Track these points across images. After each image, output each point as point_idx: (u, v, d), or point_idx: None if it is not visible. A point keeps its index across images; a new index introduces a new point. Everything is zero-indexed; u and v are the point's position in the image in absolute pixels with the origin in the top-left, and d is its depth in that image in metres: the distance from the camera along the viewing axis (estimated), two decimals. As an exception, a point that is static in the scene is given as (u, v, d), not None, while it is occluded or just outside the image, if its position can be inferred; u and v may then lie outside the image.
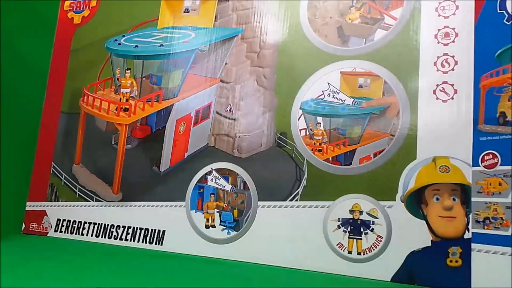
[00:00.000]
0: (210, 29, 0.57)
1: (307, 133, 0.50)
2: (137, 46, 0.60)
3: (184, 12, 0.60)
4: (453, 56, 0.46)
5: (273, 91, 0.53)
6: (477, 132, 0.44)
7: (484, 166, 0.43)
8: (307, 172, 0.49)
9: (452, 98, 0.45)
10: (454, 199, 0.44)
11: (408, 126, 0.46)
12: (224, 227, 0.52)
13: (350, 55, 0.50)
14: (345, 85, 0.50)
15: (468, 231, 0.43)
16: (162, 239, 0.54)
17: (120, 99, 0.60)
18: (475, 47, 0.45)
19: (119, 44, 0.61)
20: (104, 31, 0.63)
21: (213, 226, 0.52)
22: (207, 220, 0.52)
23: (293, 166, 0.50)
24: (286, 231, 0.49)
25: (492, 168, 0.43)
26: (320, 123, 0.50)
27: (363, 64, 0.49)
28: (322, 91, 0.50)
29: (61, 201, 0.61)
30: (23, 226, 0.61)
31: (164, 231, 0.54)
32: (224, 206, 0.52)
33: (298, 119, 0.51)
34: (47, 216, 0.61)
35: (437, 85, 0.46)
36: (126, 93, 0.60)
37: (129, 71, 0.60)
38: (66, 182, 0.61)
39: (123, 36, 0.62)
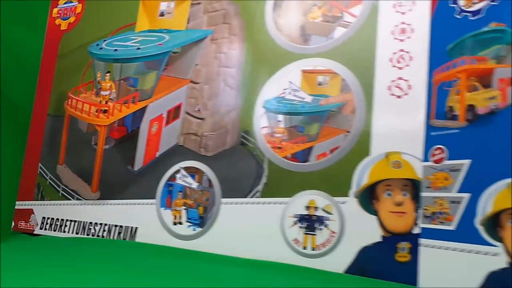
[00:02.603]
0: (183, 32, 0.62)
1: (269, 131, 0.53)
2: (116, 49, 0.65)
3: (159, 15, 0.64)
4: (408, 52, 0.48)
5: (238, 91, 0.56)
6: (429, 127, 0.46)
7: (433, 161, 0.45)
8: (267, 170, 0.52)
9: (407, 94, 0.47)
10: (405, 195, 0.46)
11: (363, 122, 0.49)
12: (190, 224, 0.55)
13: (311, 54, 0.53)
14: (306, 83, 0.53)
15: (417, 226, 0.45)
16: (135, 236, 0.58)
17: (100, 101, 0.65)
18: (430, 42, 0.47)
19: (101, 48, 0.67)
20: (88, 36, 0.69)
21: (180, 223, 0.56)
22: (175, 217, 0.56)
23: (255, 164, 0.53)
24: (246, 228, 0.52)
25: (440, 163, 0.44)
26: (281, 121, 0.53)
27: (323, 62, 0.52)
28: (284, 89, 0.53)
29: (46, 200, 0.66)
30: (13, 224, 0.68)
31: (136, 228, 0.58)
32: (191, 204, 0.56)
33: (261, 117, 0.54)
34: (34, 214, 0.67)
35: (392, 81, 0.48)
36: (106, 95, 0.66)
37: (108, 74, 0.66)
38: (51, 182, 0.67)
39: (105, 40, 0.67)
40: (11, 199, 0.68)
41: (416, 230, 0.45)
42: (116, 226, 0.60)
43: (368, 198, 0.47)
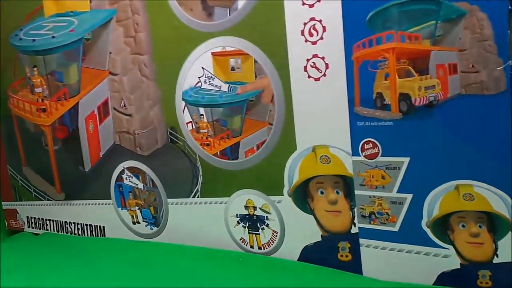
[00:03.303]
0: (89, 14, 0.54)
1: (193, 126, 0.48)
2: (34, 39, 0.59)
3: (60, -5, 0.56)
4: (320, 21, 0.39)
5: (154, 81, 0.50)
6: (354, 116, 0.39)
7: (364, 156, 0.39)
8: (201, 168, 0.49)
9: (324, 74, 0.39)
10: (337, 192, 0.41)
11: (283, 112, 0.42)
12: (147, 223, 0.55)
13: (216, 31, 0.44)
14: (218, 68, 0.45)
15: (355, 226, 0.41)
16: (104, 234, 0.60)
17: (37, 99, 0.62)
18: (342, 7, 0.37)
19: (20, 39, 0.61)
20: (8, 26, 0.62)
21: (138, 222, 0.56)
22: (132, 216, 0.56)
23: (188, 163, 0.50)
24: (196, 228, 0.51)
25: (373, 159, 0.39)
26: (203, 115, 0.47)
27: (231, 41, 0.44)
28: (199, 77, 0.47)
29: (24, 200, 0.68)
30: (6, 223, 0.71)
31: (104, 227, 0.59)
32: (142, 204, 0.55)
33: (183, 111, 0.49)
34: (18, 213, 0.69)
35: (308, 60, 0.40)
36: (40, 92, 0.61)
37: (35, 68, 0.60)
38: (22, 183, 0.68)
39: (21, 29, 0.61)
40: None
41: (355, 230, 0.41)
42: (86, 225, 0.61)
43: (303, 197, 0.43)
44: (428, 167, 0.36)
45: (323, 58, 0.39)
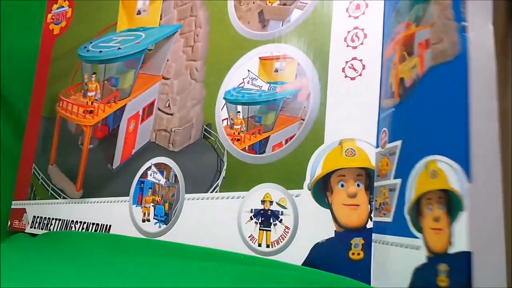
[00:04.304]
0: (156, 28, 0.62)
1: (228, 123, 0.52)
2: (101, 51, 0.67)
3: (137, 14, 0.65)
4: (362, 29, 0.44)
5: (202, 83, 0.55)
6: (380, 109, 0.42)
7: (381, 147, 0.41)
8: (226, 163, 0.51)
9: (360, 74, 0.44)
10: (358, 185, 0.42)
11: (317, 108, 0.46)
12: (156, 221, 0.55)
13: (268, 40, 0.51)
14: (263, 70, 0.51)
15: (371, 220, 0.41)
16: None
17: (87, 102, 0.67)
18: (384, 15, 0.43)
19: (88, 50, 0.69)
20: (77, 39, 0.71)
21: (148, 220, 0.56)
22: (144, 214, 0.56)
23: (215, 158, 0.52)
24: (205, 225, 0.50)
25: (384, 147, 0.40)
26: (240, 112, 0.51)
27: (279, 47, 0.50)
28: (243, 79, 0.52)
29: (37, 199, 0.69)
30: (9, 223, 0.71)
31: (110, 226, 0.59)
32: (158, 200, 0.56)
33: (222, 109, 0.53)
34: (26, 213, 0.70)
35: (346, 62, 0.45)
36: (92, 96, 0.67)
37: (94, 75, 0.67)
38: (43, 182, 0.70)
39: (91, 42, 0.69)
40: (8, 200, 0.72)
41: (370, 225, 0.41)
42: (93, 224, 0.61)
43: (322, 190, 0.44)
44: (411, 147, 0.36)
45: (361, 60, 0.44)
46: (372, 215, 0.41)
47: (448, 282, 0.30)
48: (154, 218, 0.55)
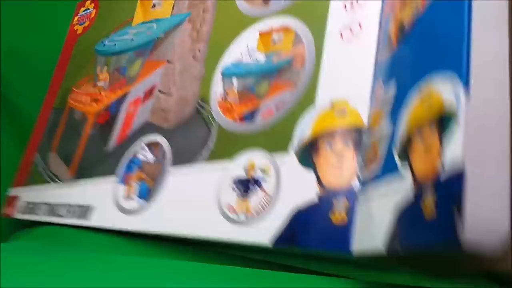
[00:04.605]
0: (167, 18, 0.63)
1: (223, 96, 0.50)
2: (115, 44, 0.69)
3: (152, 7, 0.67)
4: (362, -7, 0.43)
5: (203, 63, 0.54)
6: (377, 65, 0.39)
7: (375, 99, 0.37)
8: (216, 134, 0.48)
9: (357, 37, 0.42)
10: (347, 143, 0.38)
11: (311, 73, 0.43)
12: (139, 198, 0.52)
13: (269, 13, 0.50)
14: (262, 44, 0.49)
15: (359, 180, 0.36)
16: (91, 214, 0.56)
17: (96, 92, 0.68)
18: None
19: (104, 45, 0.71)
20: (97, 36, 0.73)
21: (131, 198, 0.53)
22: (127, 192, 0.53)
23: (205, 130, 0.49)
24: (187, 199, 0.47)
25: (378, 98, 0.37)
26: (234, 84, 0.49)
27: (279, 20, 0.49)
28: (241, 53, 0.50)
29: (33, 185, 0.68)
30: (2, 210, 0.69)
31: (92, 206, 0.56)
32: (144, 177, 0.53)
33: (218, 83, 0.51)
34: (19, 200, 0.68)
35: (344, 26, 0.43)
36: (101, 86, 0.68)
37: (106, 67, 0.68)
38: (41, 169, 0.68)
39: (107, 37, 0.71)
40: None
41: (356, 184, 0.36)
42: (78, 206, 0.58)
43: (308, 152, 0.40)
44: (401, 90, 0.33)
45: (359, 24, 0.42)
46: (359, 174, 0.36)
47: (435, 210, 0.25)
48: (136, 196, 0.52)
